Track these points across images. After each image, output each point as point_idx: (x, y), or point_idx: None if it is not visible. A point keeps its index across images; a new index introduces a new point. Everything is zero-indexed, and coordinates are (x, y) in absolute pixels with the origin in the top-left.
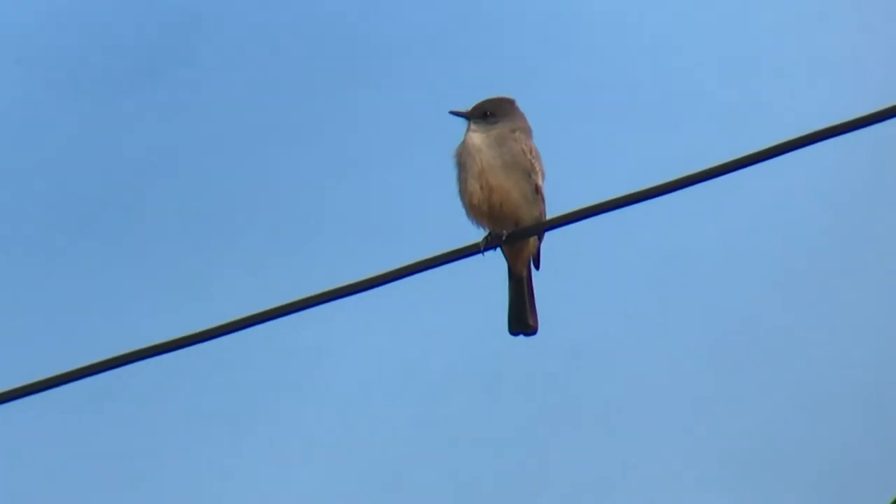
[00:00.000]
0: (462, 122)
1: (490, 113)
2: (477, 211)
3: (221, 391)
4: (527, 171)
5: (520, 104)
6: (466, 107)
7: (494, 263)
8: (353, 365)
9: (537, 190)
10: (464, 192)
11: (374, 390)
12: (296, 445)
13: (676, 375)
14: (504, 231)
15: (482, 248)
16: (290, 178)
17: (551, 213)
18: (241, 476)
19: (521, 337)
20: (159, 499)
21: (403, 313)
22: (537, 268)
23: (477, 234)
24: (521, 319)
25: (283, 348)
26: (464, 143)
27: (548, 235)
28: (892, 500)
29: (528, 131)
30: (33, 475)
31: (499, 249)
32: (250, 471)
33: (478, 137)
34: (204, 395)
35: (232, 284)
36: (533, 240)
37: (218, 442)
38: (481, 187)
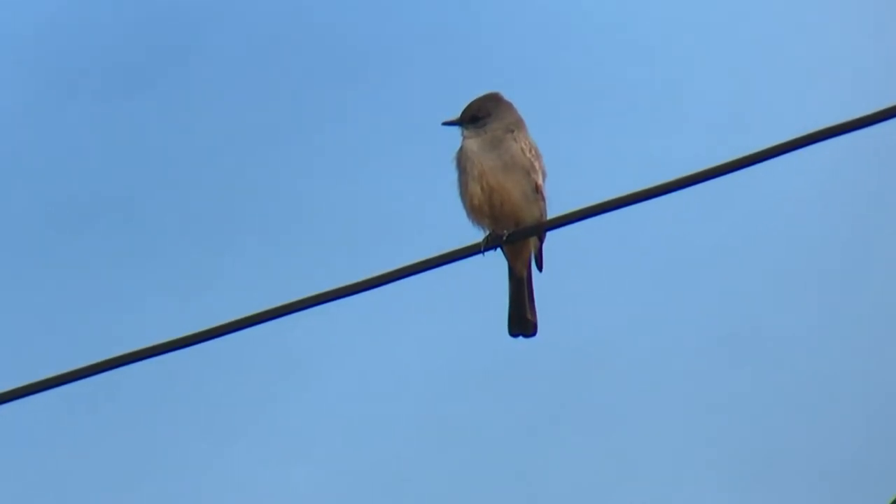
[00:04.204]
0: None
1: (478, 115)
2: (478, 212)
3: (221, 391)
4: (526, 171)
5: (508, 96)
6: (455, 114)
7: (495, 264)
8: (353, 366)
9: (537, 189)
10: (464, 193)
11: (374, 391)
12: (295, 445)
13: (677, 376)
14: (504, 231)
15: (482, 249)
16: (290, 178)
17: (552, 212)
18: (240, 476)
19: (521, 338)
20: (158, 499)
21: (403, 314)
22: (540, 269)
23: (477, 235)
24: (521, 321)
25: (282, 349)
26: (461, 148)
27: (549, 236)
28: (892, 499)
29: (521, 125)
30: (33, 475)
31: (499, 250)
32: (249, 471)
33: (473, 143)
34: (203, 394)
35: (232, 284)
36: (533, 240)
37: (217, 442)
38: (482, 189)
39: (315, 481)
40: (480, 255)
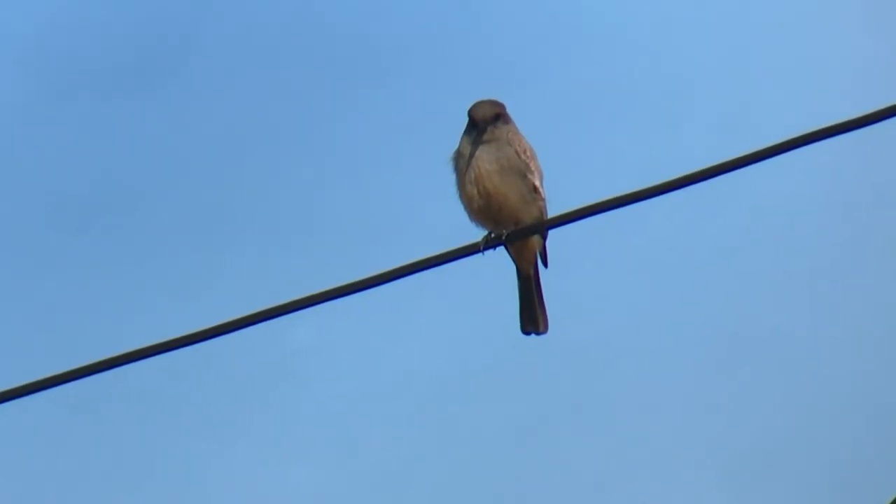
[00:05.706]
0: (457, 124)
1: (498, 114)
2: (477, 214)
3: (221, 391)
4: (522, 173)
5: (510, 96)
6: (461, 117)
7: (500, 263)
8: (353, 366)
9: (535, 189)
10: (463, 195)
11: (374, 391)
12: (295, 445)
13: (676, 376)
14: (504, 231)
15: (482, 248)
16: (290, 177)
17: (552, 211)
18: (240, 476)
19: (533, 336)
20: (158, 499)
21: (404, 314)
22: (545, 265)
23: (478, 234)
24: (531, 318)
25: (283, 348)
26: (458, 151)
27: (556, 234)
28: (891, 499)
29: (515, 127)
30: (33, 475)
31: (504, 249)
32: (249, 471)
33: (469, 145)
34: (203, 394)
35: (233, 283)
36: (536, 238)
37: (217, 442)
38: (479, 193)
39: (315, 481)
40: (480, 255)
